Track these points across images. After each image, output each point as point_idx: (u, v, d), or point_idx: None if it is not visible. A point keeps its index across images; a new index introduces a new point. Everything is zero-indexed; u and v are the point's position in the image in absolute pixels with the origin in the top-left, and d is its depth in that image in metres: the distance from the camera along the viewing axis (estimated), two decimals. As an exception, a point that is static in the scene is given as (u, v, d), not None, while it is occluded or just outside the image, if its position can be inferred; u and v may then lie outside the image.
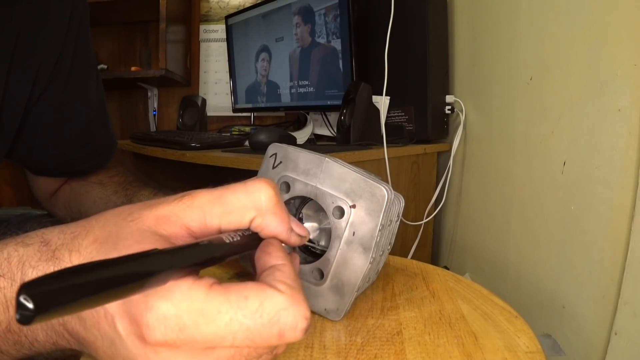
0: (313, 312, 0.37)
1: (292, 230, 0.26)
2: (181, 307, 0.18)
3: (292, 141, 0.94)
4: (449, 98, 1.04)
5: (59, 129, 0.51)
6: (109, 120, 0.59)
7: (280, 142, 0.40)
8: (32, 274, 0.21)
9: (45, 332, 0.22)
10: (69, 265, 0.21)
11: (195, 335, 0.18)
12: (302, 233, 0.27)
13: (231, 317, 0.18)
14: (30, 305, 0.14)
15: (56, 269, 0.21)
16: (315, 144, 1.18)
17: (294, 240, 0.26)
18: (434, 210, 1.06)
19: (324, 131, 1.30)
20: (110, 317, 0.19)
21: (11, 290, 0.21)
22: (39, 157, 0.53)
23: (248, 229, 0.24)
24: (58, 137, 0.52)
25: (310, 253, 0.40)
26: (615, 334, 0.64)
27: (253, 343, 0.19)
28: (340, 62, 1.09)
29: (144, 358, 0.19)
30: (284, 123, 1.55)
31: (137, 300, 0.18)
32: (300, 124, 1.40)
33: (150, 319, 0.18)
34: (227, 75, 1.54)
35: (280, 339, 0.19)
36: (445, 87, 1.06)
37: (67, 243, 0.22)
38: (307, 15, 1.16)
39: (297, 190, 0.36)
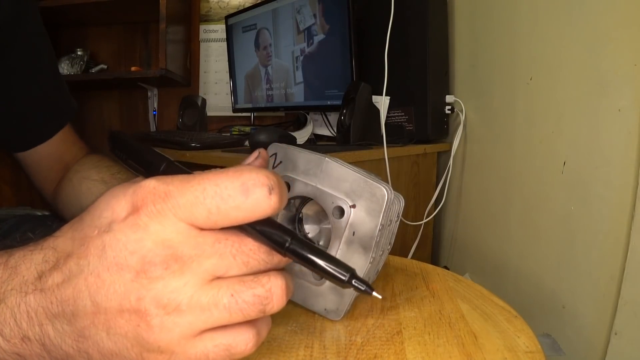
0: (313, 312, 0.37)
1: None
2: (167, 180, 0.22)
3: (292, 141, 0.94)
4: (449, 98, 1.04)
5: (15, 96, 0.53)
6: (64, 85, 0.61)
7: (280, 142, 0.39)
8: (18, 253, 0.23)
9: (14, 318, 0.21)
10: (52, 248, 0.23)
11: (177, 199, 0.21)
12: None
13: (203, 176, 0.21)
14: None
15: (38, 249, 0.23)
16: (315, 144, 1.18)
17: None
18: (434, 210, 1.06)
19: (324, 131, 1.30)
20: (107, 224, 0.22)
21: None
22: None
23: None
24: (15, 105, 0.53)
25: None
26: (615, 334, 0.64)
27: (222, 201, 0.21)
28: (340, 62, 1.09)
29: (135, 241, 0.21)
30: (284, 123, 1.55)
31: (134, 187, 0.22)
32: (300, 124, 1.40)
33: (143, 192, 0.21)
34: (227, 75, 1.54)
35: (246, 195, 0.21)
36: (445, 87, 1.06)
37: (53, 234, 0.24)
38: (307, 15, 1.16)
39: (297, 190, 0.36)
